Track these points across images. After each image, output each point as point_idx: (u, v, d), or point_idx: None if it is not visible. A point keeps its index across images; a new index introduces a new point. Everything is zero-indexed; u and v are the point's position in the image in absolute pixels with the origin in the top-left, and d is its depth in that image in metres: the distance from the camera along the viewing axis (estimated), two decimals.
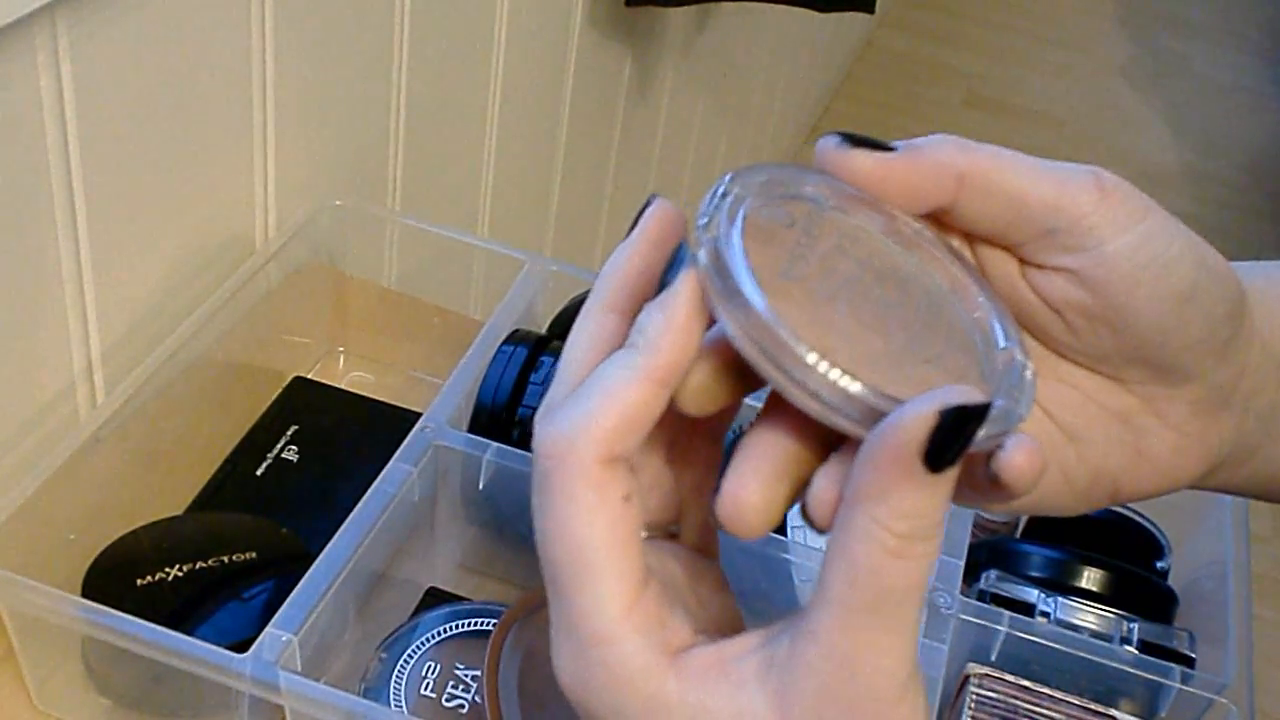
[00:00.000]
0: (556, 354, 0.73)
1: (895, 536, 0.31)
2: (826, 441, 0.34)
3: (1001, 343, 0.37)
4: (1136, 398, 0.41)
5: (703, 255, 0.33)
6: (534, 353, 0.73)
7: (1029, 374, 0.36)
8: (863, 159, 0.37)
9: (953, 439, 0.31)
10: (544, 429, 0.34)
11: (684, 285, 0.33)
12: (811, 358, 0.32)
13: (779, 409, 0.34)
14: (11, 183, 0.61)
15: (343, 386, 0.84)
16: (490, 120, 1.14)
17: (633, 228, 0.36)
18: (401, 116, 0.97)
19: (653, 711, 0.34)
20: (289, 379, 0.82)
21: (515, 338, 0.74)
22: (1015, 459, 0.33)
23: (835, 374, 0.32)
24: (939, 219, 0.39)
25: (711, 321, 0.34)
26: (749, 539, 0.35)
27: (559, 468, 0.33)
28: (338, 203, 0.84)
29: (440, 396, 0.69)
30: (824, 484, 0.34)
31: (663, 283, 0.34)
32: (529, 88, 1.19)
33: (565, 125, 1.31)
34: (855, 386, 0.32)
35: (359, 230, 0.87)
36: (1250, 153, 3.07)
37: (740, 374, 0.34)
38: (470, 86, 1.09)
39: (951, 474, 0.31)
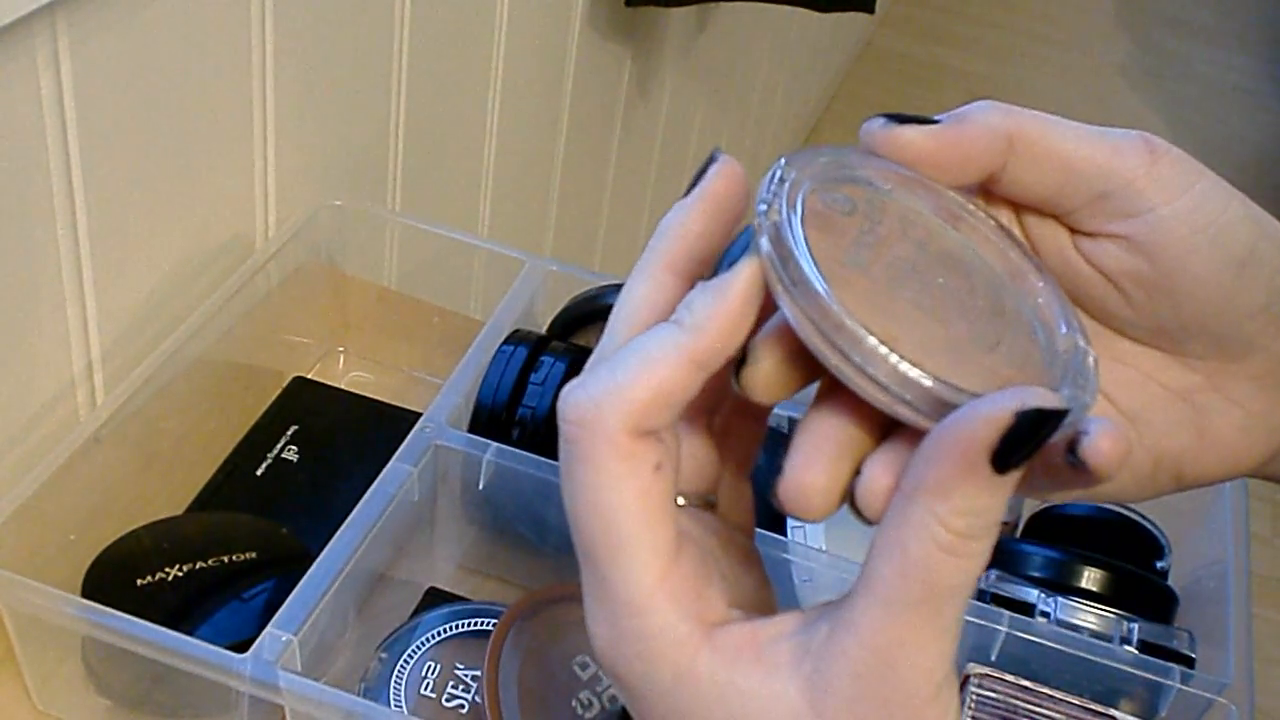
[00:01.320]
0: (557, 354, 0.73)
1: (953, 534, 0.31)
2: (885, 425, 0.34)
3: (1063, 329, 0.36)
4: (1199, 374, 0.39)
5: (765, 242, 0.33)
6: (534, 353, 0.73)
7: (1091, 360, 0.36)
8: (913, 133, 0.36)
9: (1026, 441, 0.30)
10: (573, 393, 0.33)
11: (742, 272, 0.33)
12: (879, 347, 0.32)
13: (838, 391, 0.34)
14: (11, 182, 0.61)
15: (343, 386, 0.84)
16: (490, 120, 1.14)
17: (694, 184, 0.35)
18: (401, 116, 0.97)
19: (682, 684, 0.33)
20: (289, 379, 0.82)
21: (515, 338, 0.74)
22: (1101, 445, 0.32)
23: (902, 364, 0.32)
24: (988, 191, 0.38)
25: (767, 311, 0.33)
26: (813, 521, 0.34)
27: (585, 436, 0.32)
28: (338, 203, 0.84)
29: (440, 396, 0.69)
30: (877, 472, 0.33)
31: (722, 261, 0.34)
32: (529, 88, 1.19)
33: (565, 125, 1.31)
34: (923, 377, 0.32)
35: (359, 230, 0.87)
36: (1250, 153, 3.07)
37: (806, 362, 0.34)
38: (470, 86, 1.09)
39: (1016, 474, 0.31)
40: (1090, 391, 0.35)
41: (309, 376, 0.83)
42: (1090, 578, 0.71)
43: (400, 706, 0.61)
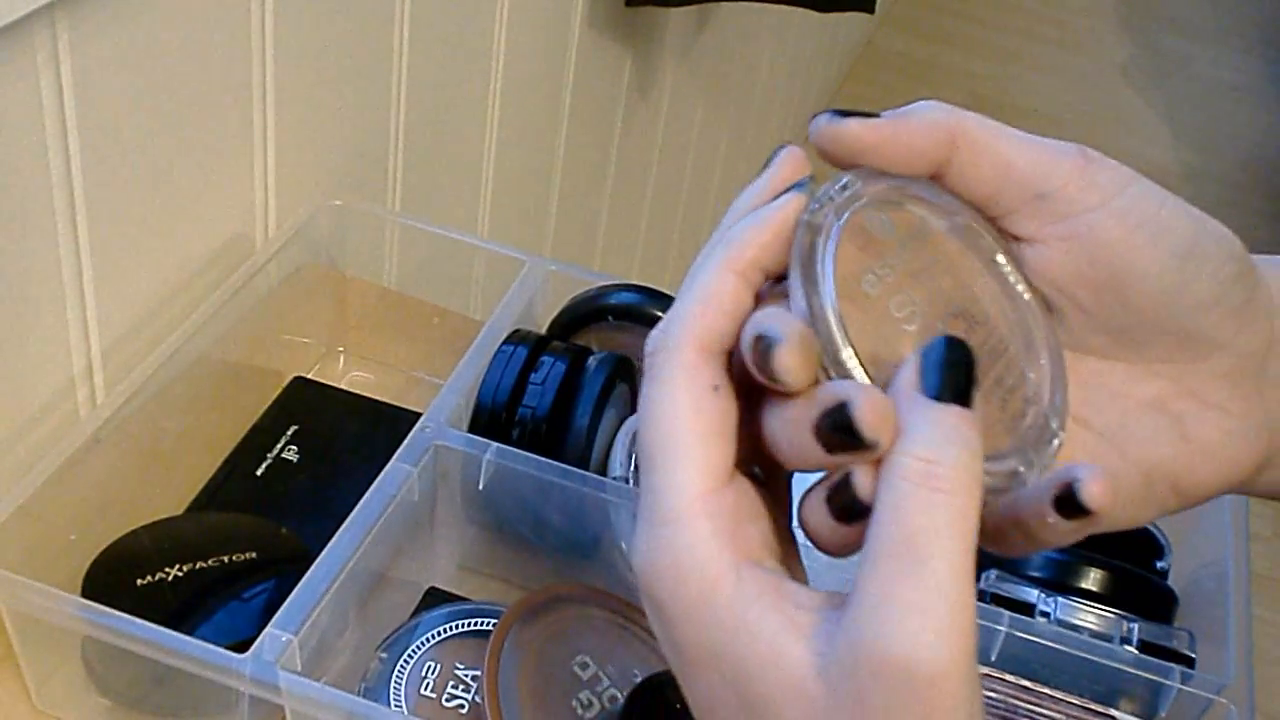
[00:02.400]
0: (556, 354, 0.73)
1: (917, 460, 0.31)
2: None
3: (1043, 406, 0.38)
4: (1167, 379, 0.40)
5: (802, 234, 0.35)
6: (534, 353, 0.73)
7: (1055, 444, 0.37)
8: (856, 126, 0.38)
9: (946, 368, 0.33)
10: (651, 335, 0.36)
11: (784, 202, 0.35)
12: (850, 360, 0.34)
13: None
14: (11, 182, 0.61)
15: (343, 386, 0.84)
16: (490, 120, 1.14)
17: (763, 170, 0.38)
18: (401, 116, 0.97)
19: (704, 606, 0.33)
20: (289, 379, 0.82)
21: (515, 338, 0.74)
22: (1093, 488, 0.34)
23: (859, 373, 0.34)
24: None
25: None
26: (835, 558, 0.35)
27: (657, 360, 0.35)
28: (338, 203, 0.84)
29: (440, 396, 0.69)
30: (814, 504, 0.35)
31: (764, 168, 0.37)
32: (529, 88, 1.19)
33: (565, 125, 1.31)
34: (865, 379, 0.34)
35: (359, 230, 0.87)
36: (1250, 153, 3.07)
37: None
38: (470, 86, 1.09)
39: (965, 413, 0.32)
40: (1039, 468, 0.37)
41: (309, 376, 0.83)
42: (1090, 578, 0.71)
43: (400, 706, 0.61)
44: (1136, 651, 0.65)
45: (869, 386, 0.33)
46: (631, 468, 0.70)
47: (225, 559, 0.65)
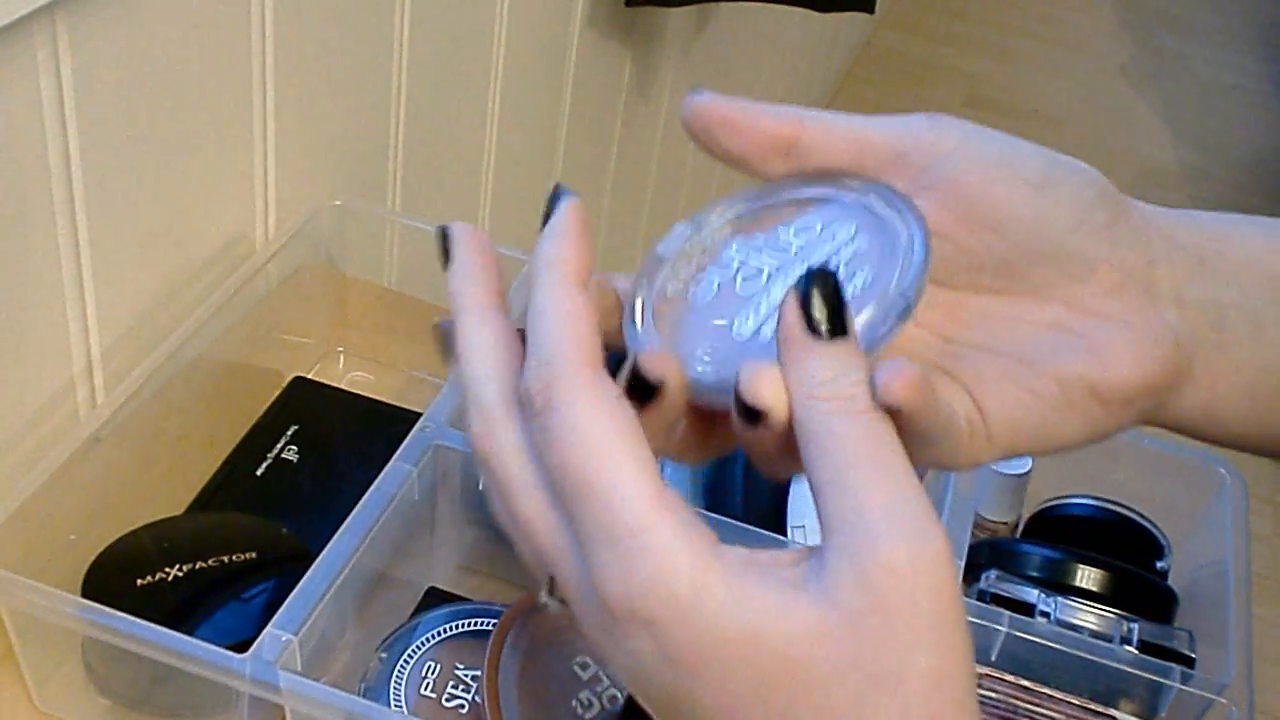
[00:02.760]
0: None
1: (835, 399, 0.35)
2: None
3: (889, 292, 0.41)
4: (1058, 303, 0.42)
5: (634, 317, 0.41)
6: None
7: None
8: (706, 98, 0.42)
9: (817, 303, 0.36)
10: (524, 378, 0.37)
11: (565, 208, 0.40)
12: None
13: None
14: (11, 182, 0.61)
15: (343, 386, 0.84)
16: (490, 120, 1.14)
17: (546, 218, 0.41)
18: (401, 116, 0.97)
19: (701, 598, 0.33)
20: (289, 379, 0.82)
21: None
22: (894, 385, 0.35)
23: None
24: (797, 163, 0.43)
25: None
26: None
27: (555, 393, 0.35)
28: (338, 203, 0.84)
29: (440, 396, 0.69)
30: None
31: (546, 215, 0.41)
32: (529, 88, 1.19)
33: (565, 125, 1.31)
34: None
35: (359, 230, 0.87)
36: (1250, 153, 3.07)
37: (710, 428, 0.40)
38: (470, 86, 1.09)
39: (846, 341, 0.36)
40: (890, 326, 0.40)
41: (309, 376, 0.83)
42: (1090, 578, 0.71)
43: (400, 706, 0.61)
44: (1136, 651, 0.65)
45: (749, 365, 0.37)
46: None
47: (225, 559, 0.65)
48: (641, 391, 0.36)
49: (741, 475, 0.69)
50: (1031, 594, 0.68)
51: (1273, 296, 0.44)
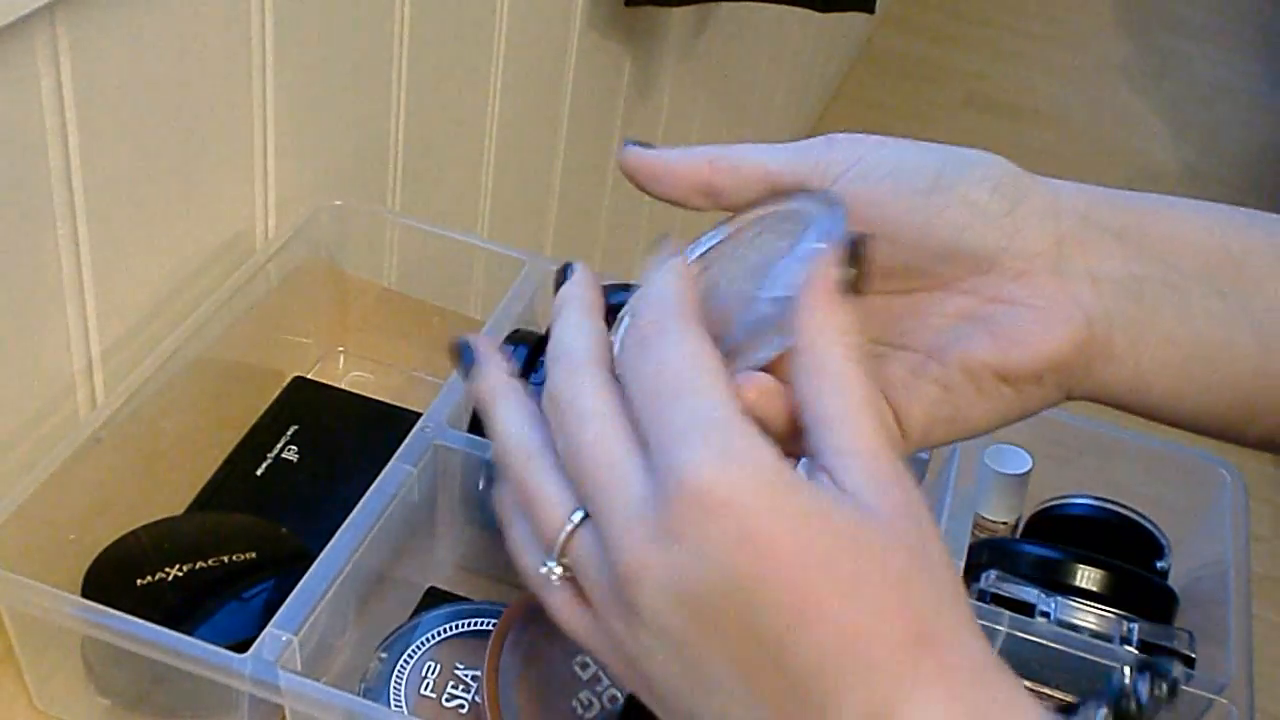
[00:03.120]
0: None
1: (848, 336, 0.39)
2: None
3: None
4: (965, 294, 0.45)
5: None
6: (534, 353, 0.73)
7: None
8: (633, 156, 0.47)
9: (848, 264, 0.40)
10: (640, 302, 0.41)
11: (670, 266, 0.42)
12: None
13: None
14: (11, 183, 0.61)
15: (343, 386, 0.84)
16: (490, 120, 1.14)
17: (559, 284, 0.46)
18: (401, 116, 0.97)
19: (786, 479, 0.36)
20: (289, 379, 0.82)
21: (515, 338, 0.74)
22: (747, 394, 0.40)
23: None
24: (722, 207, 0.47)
25: None
26: None
27: (663, 321, 0.39)
28: (338, 203, 0.84)
29: (440, 396, 0.69)
30: None
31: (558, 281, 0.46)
32: (529, 88, 1.19)
33: (565, 125, 1.31)
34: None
35: (359, 230, 0.87)
36: (1250, 153, 3.07)
37: None
38: (470, 86, 1.09)
39: (859, 301, 0.40)
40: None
41: (309, 376, 0.83)
42: (1090, 577, 0.71)
43: (400, 706, 0.61)
44: (1136, 651, 0.65)
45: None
46: None
47: (225, 559, 0.65)
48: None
49: None
50: (1031, 594, 0.68)
51: (1200, 271, 0.45)
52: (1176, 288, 0.45)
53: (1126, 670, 0.39)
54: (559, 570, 0.40)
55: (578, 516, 0.39)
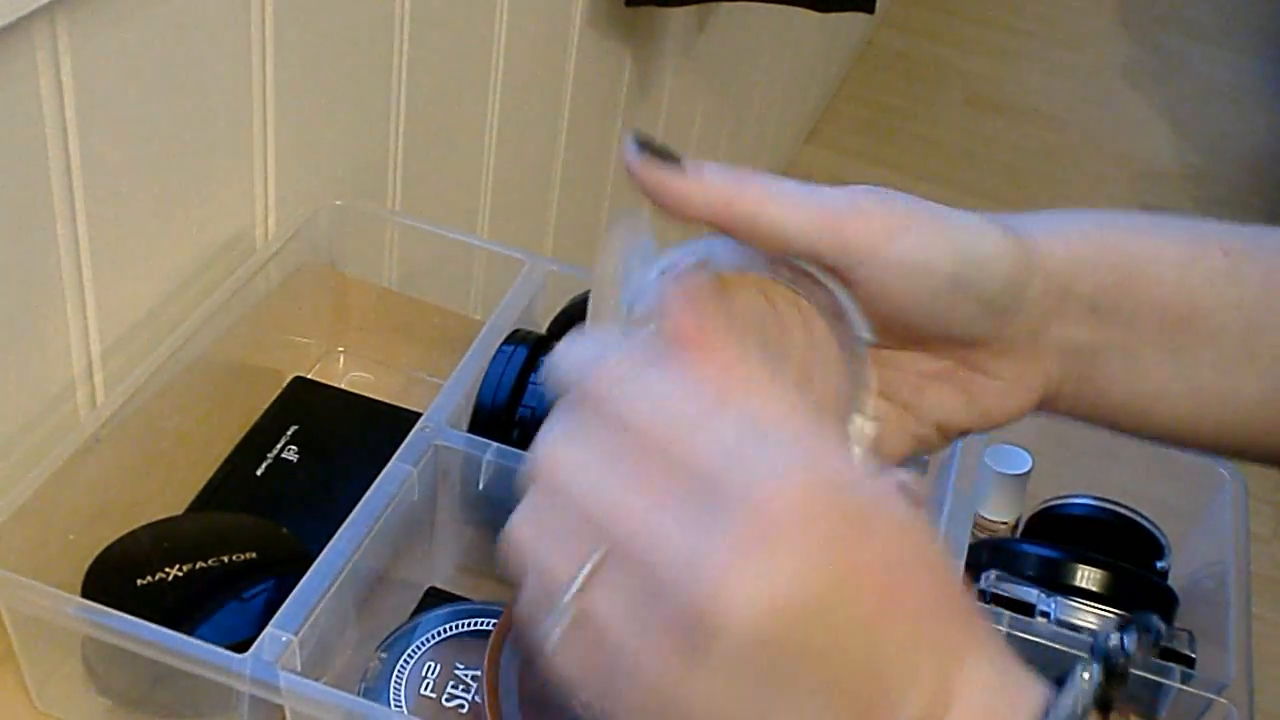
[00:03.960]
0: None
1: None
2: None
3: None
4: (950, 359, 0.49)
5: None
6: (534, 353, 0.73)
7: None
8: (646, 168, 0.45)
9: None
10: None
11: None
12: None
13: None
14: (11, 183, 0.61)
15: (343, 386, 0.84)
16: (490, 120, 1.14)
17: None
18: (401, 116, 0.97)
19: (865, 481, 0.36)
20: (289, 379, 0.82)
21: (515, 338, 0.74)
22: None
23: None
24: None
25: None
26: None
27: (704, 333, 0.38)
28: (338, 203, 0.84)
29: (440, 396, 0.69)
30: None
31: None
32: (529, 88, 1.19)
33: (565, 125, 1.31)
34: None
35: (359, 230, 0.87)
36: (1250, 153, 3.07)
37: None
38: (470, 87, 1.09)
39: None
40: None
41: (309, 376, 0.83)
42: (1090, 577, 0.71)
43: (400, 706, 0.61)
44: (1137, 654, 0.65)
45: None
46: None
47: (225, 559, 0.65)
48: None
49: None
50: (1031, 594, 0.68)
51: (1158, 332, 0.49)
52: (1131, 353, 0.49)
53: (1112, 633, 0.40)
54: (569, 609, 0.36)
55: (597, 556, 0.35)
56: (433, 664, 0.63)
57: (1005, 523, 0.81)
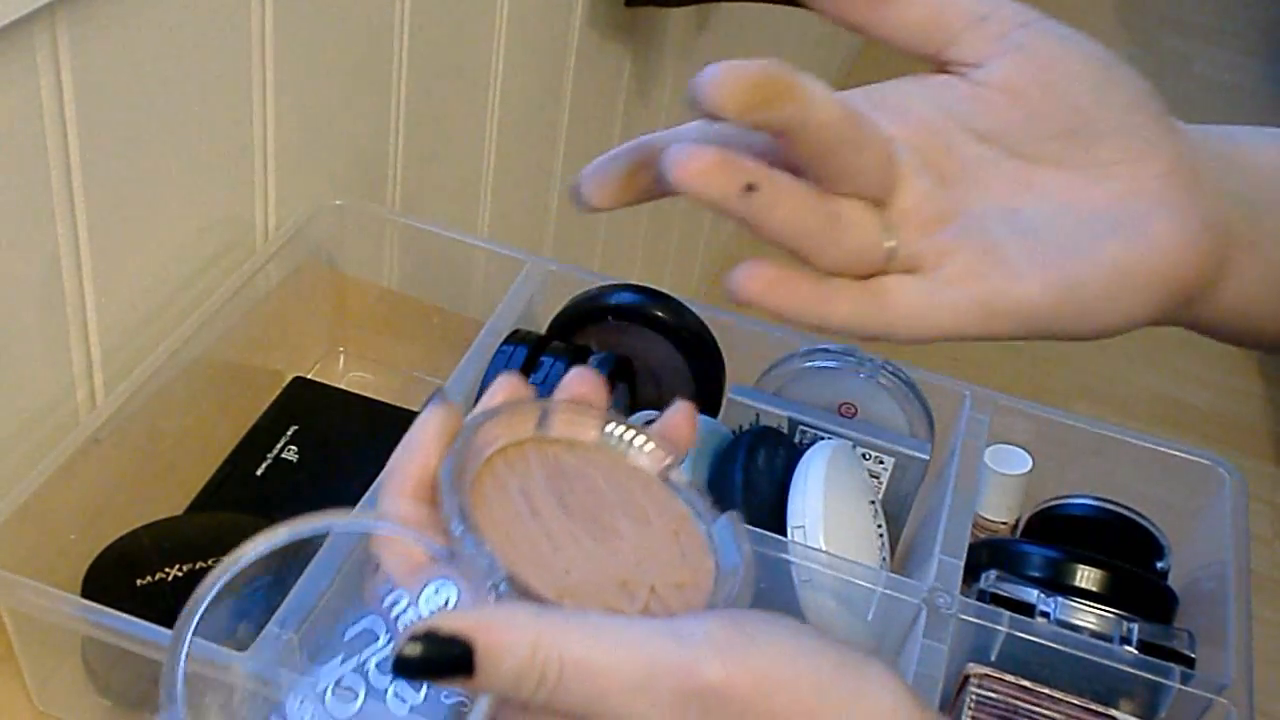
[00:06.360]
0: (556, 354, 0.73)
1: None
2: None
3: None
4: (1116, 180, 0.44)
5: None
6: (534, 353, 0.73)
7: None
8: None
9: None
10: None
11: (424, 420, 0.44)
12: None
13: None
14: (11, 183, 0.61)
15: (343, 386, 0.84)
16: (490, 120, 1.14)
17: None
18: (401, 116, 0.97)
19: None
20: (289, 379, 0.82)
21: (515, 338, 0.74)
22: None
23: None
24: (873, 35, 0.44)
25: None
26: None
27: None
28: (338, 203, 0.84)
29: None
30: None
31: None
32: (529, 88, 1.19)
33: (565, 126, 1.31)
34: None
35: (359, 230, 0.87)
36: None
37: None
38: (470, 86, 1.09)
39: None
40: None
41: (309, 376, 0.83)
42: (1090, 578, 0.71)
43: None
44: (1136, 651, 0.65)
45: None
46: None
47: (225, 559, 0.64)
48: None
49: (741, 476, 0.69)
50: (1031, 594, 0.68)
51: None
52: (1276, 214, 0.46)
53: None
54: None
55: None
56: None
57: (1005, 523, 0.81)
